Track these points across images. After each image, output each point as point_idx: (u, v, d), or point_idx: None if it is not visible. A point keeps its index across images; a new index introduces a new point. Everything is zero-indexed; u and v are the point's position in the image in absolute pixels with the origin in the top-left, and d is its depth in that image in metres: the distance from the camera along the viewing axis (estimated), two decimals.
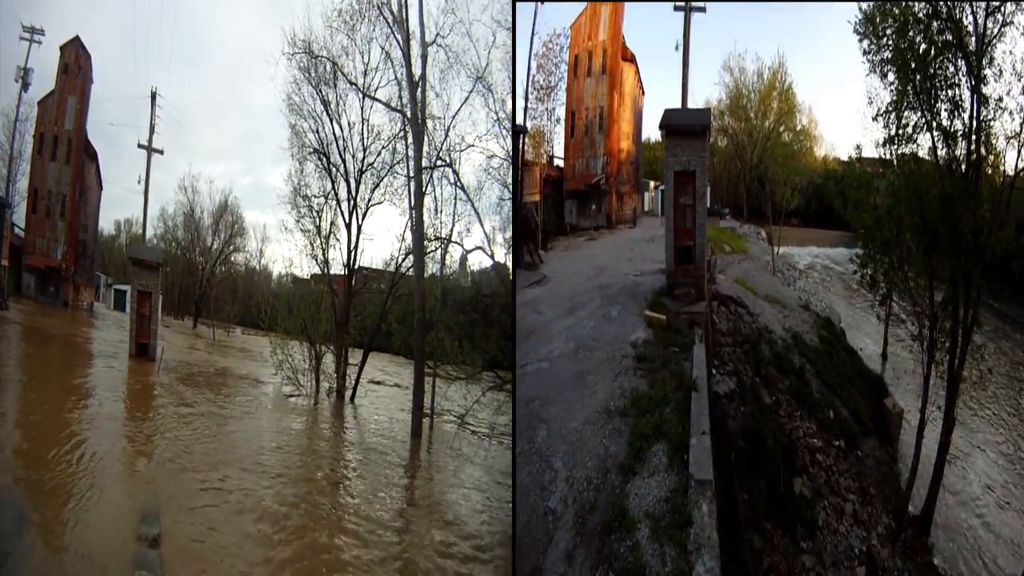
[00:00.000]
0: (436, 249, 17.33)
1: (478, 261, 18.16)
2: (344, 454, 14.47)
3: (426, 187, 16.87)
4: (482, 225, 16.88)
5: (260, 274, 23.08)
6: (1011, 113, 12.15)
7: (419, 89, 16.83)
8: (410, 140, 17.03)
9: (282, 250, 27.15)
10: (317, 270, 18.53)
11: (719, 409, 10.75)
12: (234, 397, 17.59)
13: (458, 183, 17.09)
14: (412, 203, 16.83)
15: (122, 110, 21.34)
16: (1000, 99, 12.06)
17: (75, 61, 21.07)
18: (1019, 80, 11.98)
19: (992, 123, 12.04)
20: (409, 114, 16.88)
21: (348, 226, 18.01)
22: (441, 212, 17.27)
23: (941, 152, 12.16)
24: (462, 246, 17.49)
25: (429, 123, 16.97)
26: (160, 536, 8.60)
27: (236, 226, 22.22)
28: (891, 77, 12.72)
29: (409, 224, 17.21)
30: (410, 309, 16.47)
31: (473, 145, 16.92)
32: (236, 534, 9.24)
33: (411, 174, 16.96)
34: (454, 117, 17.02)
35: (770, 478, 10.62)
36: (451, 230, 17.32)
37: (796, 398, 13.35)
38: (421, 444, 15.68)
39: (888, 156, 13.10)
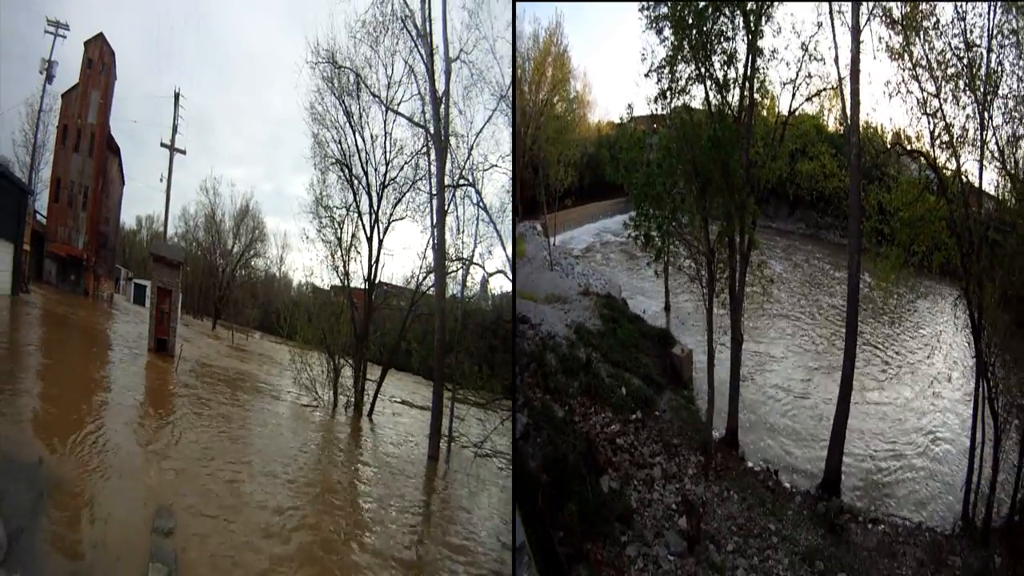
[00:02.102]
0: (457, 270, 17.26)
1: (499, 285, 18.10)
2: (358, 467, 14.71)
3: (448, 205, 16.78)
4: (504, 248, 16.64)
5: (280, 281, 23.14)
6: (788, 64, 13.11)
7: (442, 105, 16.66)
8: (433, 157, 16.93)
9: (302, 259, 26.89)
10: (337, 281, 18.44)
11: (518, 454, 10.82)
12: (251, 401, 17.76)
13: (481, 203, 16.93)
14: (434, 221, 16.77)
15: (145, 109, 21.20)
16: (775, 51, 12.97)
17: (99, 57, 20.94)
18: (798, 37, 12.98)
19: (767, 71, 13.06)
20: (432, 130, 16.75)
21: (369, 240, 17.92)
22: (463, 232, 17.20)
23: (714, 100, 13.07)
24: (483, 268, 17.45)
25: (452, 140, 16.82)
26: (175, 529, 8.83)
27: (257, 231, 22.26)
28: (667, 32, 13.24)
29: (431, 242, 17.13)
30: (429, 328, 16.46)
31: (496, 165, 16.79)
32: (250, 531, 9.54)
33: (433, 191, 16.82)
34: (477, 135, 16.85)
35: (577, 496, 10.63)
36: (473, 251, 17.21)
37: (588, 394, 13.54)
38: (438, 466, 15.74)
39: (661, 111, 13.67)
